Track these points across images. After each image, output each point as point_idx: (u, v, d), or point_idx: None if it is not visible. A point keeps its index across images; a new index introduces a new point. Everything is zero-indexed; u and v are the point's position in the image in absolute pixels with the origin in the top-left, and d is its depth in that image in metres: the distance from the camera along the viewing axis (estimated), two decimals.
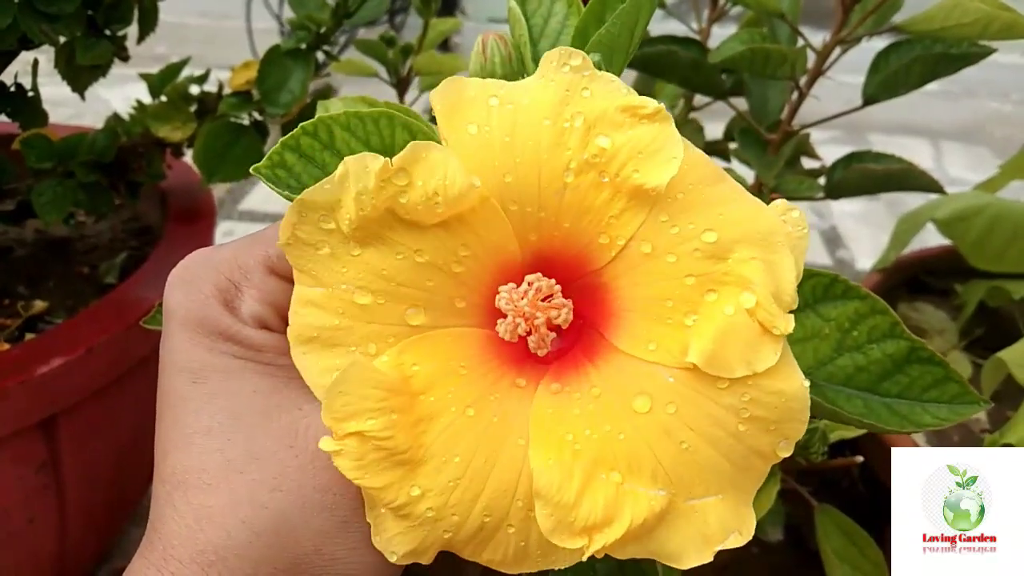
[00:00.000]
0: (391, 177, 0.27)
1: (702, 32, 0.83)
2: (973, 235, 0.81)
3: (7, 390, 0.60)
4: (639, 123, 0.27)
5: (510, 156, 0.28)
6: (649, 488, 0.26)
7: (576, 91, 0.28)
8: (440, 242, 0.28)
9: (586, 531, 0.25)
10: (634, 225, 0.27)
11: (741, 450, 0.26)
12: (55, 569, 0.75)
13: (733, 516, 0.26)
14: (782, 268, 0.26)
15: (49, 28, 0.64)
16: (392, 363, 0.28)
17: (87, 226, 0.88)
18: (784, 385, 0.26)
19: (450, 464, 0.27)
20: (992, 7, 0.54)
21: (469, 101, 0.29)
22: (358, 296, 0.28)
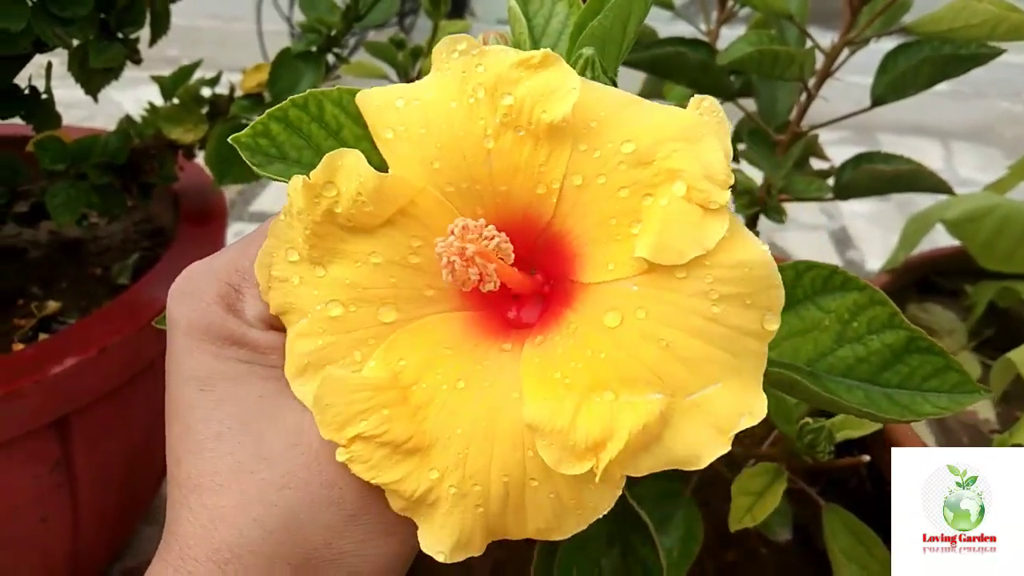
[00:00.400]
0: (320, 192, 0.29)
1: (711, 34, 0.83)
2: (983, 236, 0.81)
3: (21, 390, 0.61)
4: (533, 73, 0.28)
5: (431, 145, 0.30)
6: (644, 395, 0.25)
7: (471, 69, 0.29)
8: (391, 240, 0.30)
9: (589, 451, 0.25)
10: (561, 165, 0.28)
11: (726, 333, 0.26)
12: (68, 568, 0.75)
13: (739, 400, 0.25)
14: (707, 150, 0.26)
15: (62, 31, 0.65)
16: (380, 364, 0.28)
17: (100, 228, 0.88)
18: (743, 255, 0.26)
19: (455, 438, 0.27)
20: (1001, 8, 0.54)
21: (378, 109, 0.31)
22: (331, 310, 0.29)
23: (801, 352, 0.37)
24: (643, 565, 0.45)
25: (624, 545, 0.47)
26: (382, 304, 0.29)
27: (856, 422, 0.53)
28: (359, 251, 0.30)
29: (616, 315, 0.26)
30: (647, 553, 0.45)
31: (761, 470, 0.53)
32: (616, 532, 0.47)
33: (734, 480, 0.53)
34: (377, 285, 0.30)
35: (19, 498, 0.66)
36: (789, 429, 0.51)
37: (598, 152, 0.28)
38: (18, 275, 0.80)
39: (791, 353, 0.37)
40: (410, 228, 0.30)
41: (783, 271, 0.38)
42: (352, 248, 0.30)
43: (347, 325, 0.29)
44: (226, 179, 0.75)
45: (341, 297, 0.29)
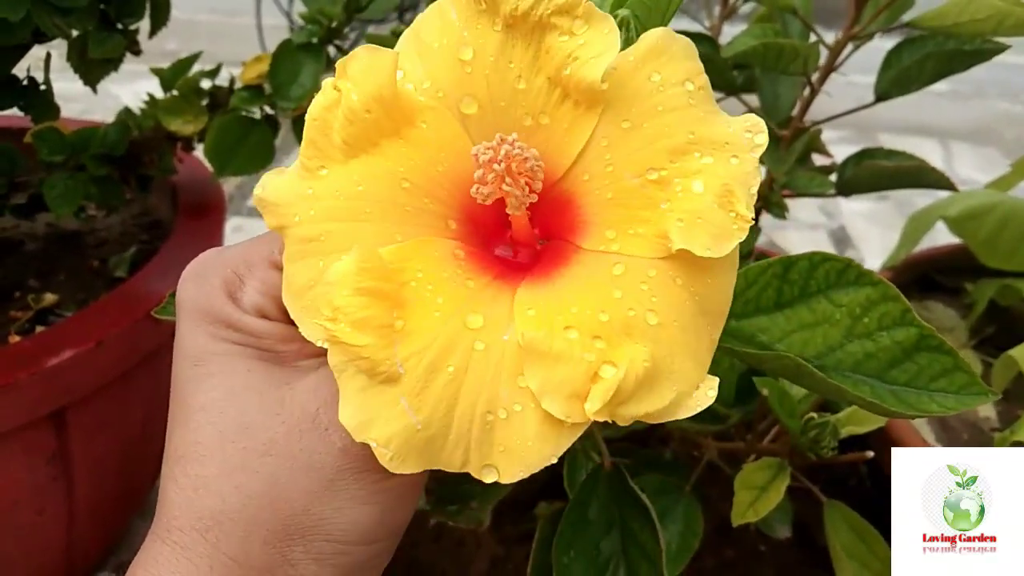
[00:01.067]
0: (335, 101, 0.29)
1: (713, 29, 0.82)
2: (984, 233, 0.81)
3: (18, 382, 0.61)
4: (571, 22, 0.29)
5: (466, 65, 0.30)
6: (634, 350, 0.26)
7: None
8: (404, 154, 0.30)
9: (583, 386, 0.26)
10: (590, 125, 0.28)
11: (700, 330, 0.28)
12: (63, 560, 0.75)
13: (699, 376, 0.27)
14: (750, 166, 0.27)
15: (62, 21, 0.64)
16: (389, 258, 0.28)
17: (97, 220, 0.88)
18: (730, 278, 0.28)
19: (431, 347, 0.27)
20: (1006, 3, 0.54)
21: (433, 22, 0.31)
22: (342, 202, 0.29)
23: (810, 345, 0.37)
24: (642, 549, 0.45)
25: (623, 529, 0.47)
26: (391, 214, 0.30)
27: (861, 418, 0.53)
28: (386, 156, 0.30)
29: (619, 286, 0.27)
30: (646, 538, 0.45)
31: (764, 465, 0.53)
32: (616, 516, 0.47)
33: (736, 475, 0.52)
34: (389, 197, 0.30)
35: (16, 490, 0.66)
36: (793, 424, 0.51)
37: (633, 128, 0.28)
38: (15, 267, 0.79)
39: (800, 346, 0.37)
40: (423, 149, 0.30)
41: (797, 262, 0.38)
42: (380, 151, 0.30)
43: (357, 218, 0.29)
44: (226, 171, 0.74)
45: (354, 194, 0.29)
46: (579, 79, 0.28)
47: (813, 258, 0.38)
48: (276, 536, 0.29)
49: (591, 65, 0.28)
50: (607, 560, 0.46)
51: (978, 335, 0.83)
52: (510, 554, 0.72)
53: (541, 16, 0.29)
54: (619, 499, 0.48)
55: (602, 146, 0.28)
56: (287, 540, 0.29)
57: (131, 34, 0.72)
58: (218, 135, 0.74)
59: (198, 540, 0.28)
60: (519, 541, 0.72)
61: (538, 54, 0.29)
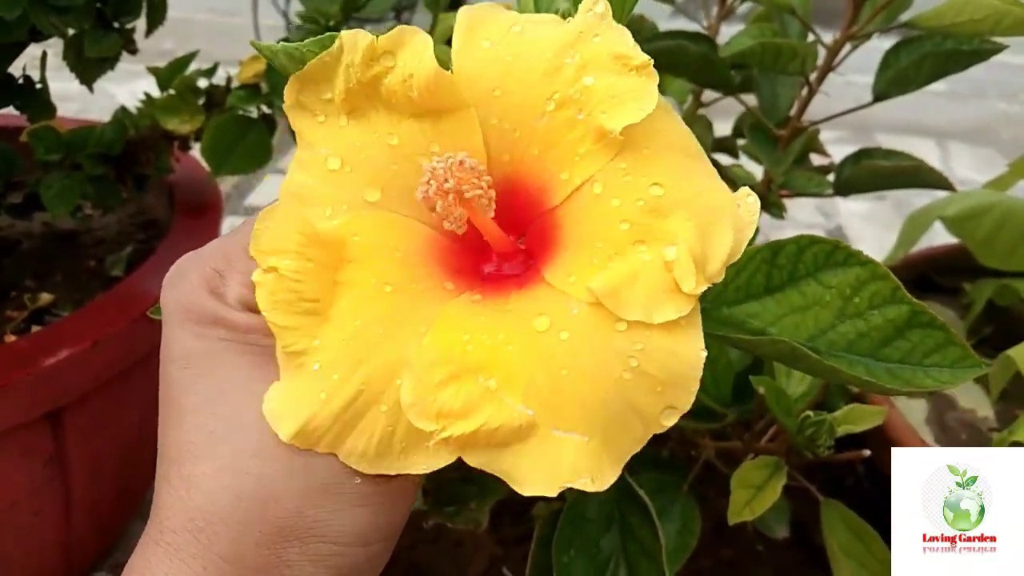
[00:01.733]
0: (378, 57, 0.30)
1: (711, 29, 0.82)
2: (982, 233, 0.81)
3: (14, 382, 0.60)
4: (626, 73, 0.28)
5: (506, 73, 0.30)
6: (517, 403, 0.26)
7: (588, 34, 0.29)
8: (415, 133, 0.30)
9: (441, 416, 0.26)
10: (594, 166, 0.28)
11: (620, 400, 0.25)
12: (60, 562, 0.75)
13: (592, 462, 0.26)
14: (718, 237, 0.26)
15: (58, 20, 0.64)
16: (338, 227, 0.29)
17: (94, 219, 0.87)
18: (682, 348, 0.25)
19: (350, 325, 0.28)
20: (1004, 3, 0.54)
21: (495, 21, 0.31)
22: (330, 161, 0.30)
23: (802, 329, 0.37)
24: (642, 546, 0.45)
25: (622, 526, 0.47)
26: (373, 181, 0.30)
27: (858, 416, 0.53)
28: (383, 126, 0.30)
29: (545, 321, 0.27)
30: (645, 534, 0.45)
31: (761, 463, 0.53)
32: (615, 513, 0.47)
33: (733, 474, 0.52)
34: (380, 163, 0.30)
35: (12, 491, 0.66)
36: (789, 422, 0.51)
37: (629, 177, 0.28)
38: (11, 267, 0.79)
39: (791, 330, 0.37)
40: (436, 133, 0.30)
41: (786, 245, 0.38)
42: (379, 119, 0.31)
43: (336, 181, 0.30)
44: (222, 170, 0.74)
45: (345, 154, 0.30)
46: (603, 124, 0.28)
47: (801, 241, 0.38)
48: (269, 537, 0.28)
49: (620, 114, 0.28)
50: (607, 558, 0.46)
51: (976, 335, 0.83)
52: (508, 555, 0.72)
53: (597, 57, 0.29)
54: (618, 496, 0.48)
55: (595, 188, 0.28)
56: (281, 541, 0.28)
57: (127, 33, 0.71)
58: (215, 134, 0.73)
59: (191, 541, 0.28)
60: (517, 542, 0.72)
61: (579, 87, 0.29)
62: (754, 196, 0.28)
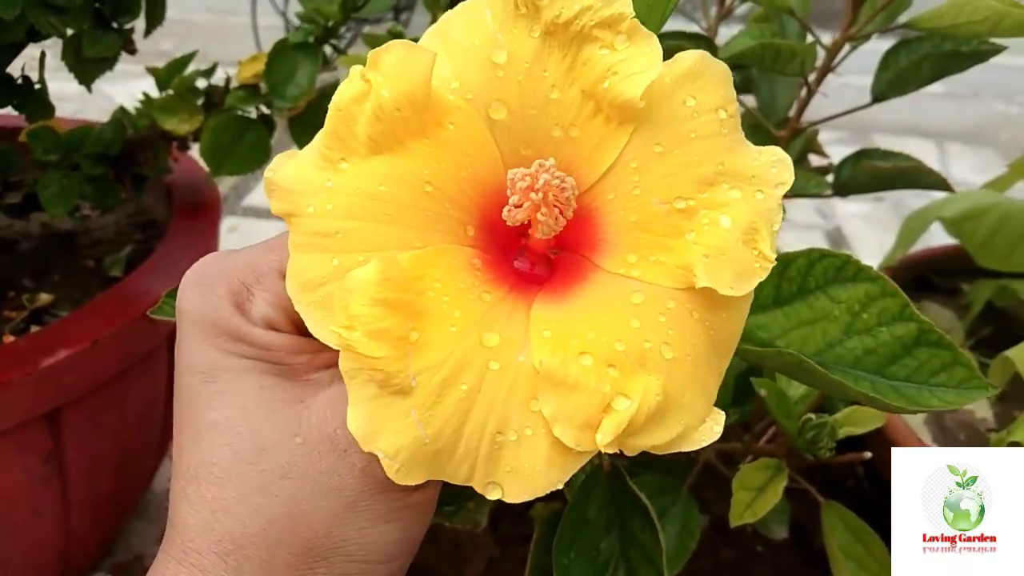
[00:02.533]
0: (368, 93, 0.28)
1: (710, 30, 0.82)
2: (980, 234, 0.81)
3: (13, 382, 0.60)
4: (615, 36, 0.28)
5: (498, 68, 0.29)
6: (647, 383, 0.27)
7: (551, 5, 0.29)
8: (421, 156, 0.29)
9: (595, 415, 0.26)
10: (621, 142, 0.28)
11: (709, 352, 0.28)
12: (58, 562, 0.75)
13: (706, 411, 0.28)
14: (774, 204, 0.27)
15: (57, 20, 0.64)
16: (403, 271, 0.28)
17: (92, 220, 0.87)
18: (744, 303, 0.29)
19: (447, 360, 0.26)
20: (1003, 4, 0.54)
21: (465, 18, 0.30)
22: (362, 200, 0.28)
23: (810, 342, 0.37)
24: (641, 549, 0.45)
25: (623, 530, 0.47)
26: (405, 221, 0.28)
27: (859, 418, 0.53)
28: (389, 161, 0.29)
29: (640, 308, 0.28)
30: (646, 538, 0.45)
31: (762, 465, 0.53)
32: (615, 516, 0.47)
33: (734, 476, 0.52)
34: (401, 200, 0.28)
35: (11, 490, 0.66)
36: (790, 425, 0.51)
37: (664, 152, 0.28)
38: (10, 267, 0.79)
39: (799, 343, 0.37)
40: (441, 149, 0.29)
41: (796, 259, 0.38)
42: (402, 151, 0.29)
43: (365, 230, 0.28)
44: (221, 170, 0.74)
45: (371, 194, 0.28)
46: (616, 94, 0.28)
47: (811, 255, 0.38)
48: (298, 559, 0.28)
49: (631, 81, 0.27)
50: (607, 561, 0.46)
51: (975, 336, 0.83)
52: (507, 555, 0.72)
53: (583, 27, 0.28)
54: (618, 499, 0.48)
55: (631, 167, 0.28)
56: (310, 562, 0.28)
57: (126, 33, 0.71)
58: (214, 135, 0.73)
59: (218, 563, 0.28)
60: (516, 542, 0.72)
61: (575, 65, 0.28)
62: (783, 154, 0.28)
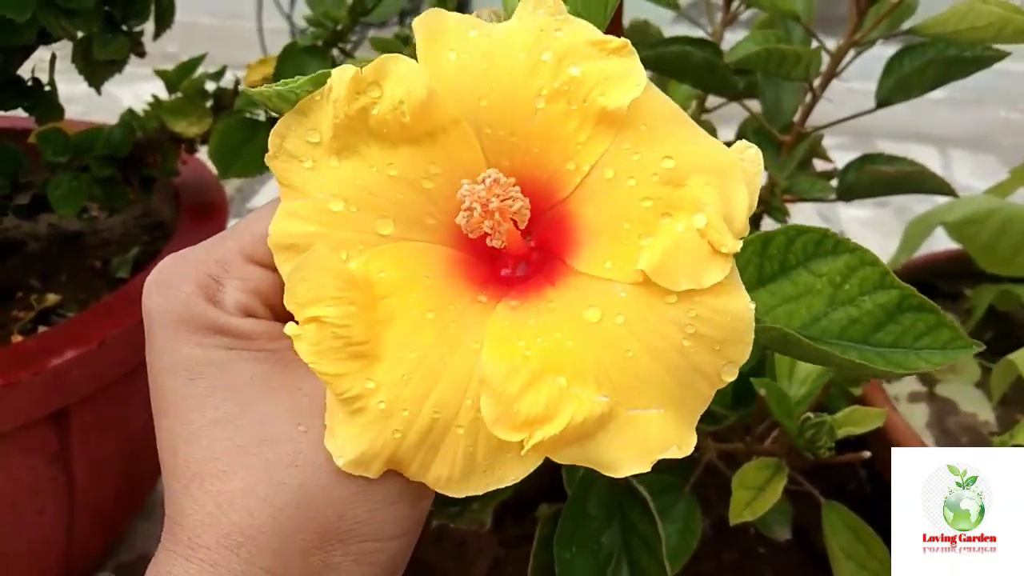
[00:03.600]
0: (364, 89, 0.29)
1: (715, 35, 0.83)
2: (983, 239, 0.81)
3: (20, 382, 0.61)
4: (607, 56, 0.29)
5: (486, 82, 0.30)
6: (592, 393, 0.26)
7: (549, 31, 0.30)
8: (412, 158, 0.30)
9: (527, 424, 0.26)
10: (599, 150, 0.29)
11: (685, 367, 0.27)
12: (62, 562, 0.75)
13: (674, 431, 0.27)
14: (735, 196, 0.27)
15: (67, 23, 0.65)
16: (360, 269, 0.29)
17: (100, 221, 0.88)
18: (730, 304, 0.26)
19: (405, 360, 0.28)
20: (1006, 10, 0.55)
21: (450, 30, 0.30)
22: (332, 203, 0.29)
23: (795, 318, 0.38)
24: (643, 540, 0.46)
25: (623, 522, 0.47)
26: (383, 215, 0.30)
27: (858, 417, 0.53)
28: (378, 158, 0.30)
29: (596, 312, 0.27)
30: (646, 529, 0.45)
31: (762, 464, 0.53)
32: (615, 509, 0.48)
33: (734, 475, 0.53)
34: (384, 196, 0.30)
35: (16, 490, 0.66)
36: (790, 424, 0.51)
37: (638, 156, 0.28)
38: (17, 267, 0.80)
39: (784, 319, 0.38)
40: (433, 154, 0.30)
41: (775, 237, 0.38)
42: (373, 152, 0.30)
43: (343, 223, 0.29)
44: (230, 172, 0.74)
45: (347, 194, 0.29)
46: (603, 105, 0.28)
47: (789, 231, 0.39)
48: (313, 544, 0.28)
49: (617, 93, 0.28)
50: (609, 554, 0.47)
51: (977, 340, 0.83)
52: (511, 555, 0.72)
53: (574, 45, 0.29)
54: (618, 492, 0.48)
55: (606, 172, 0.29)
56: (324, 547, 0.29)
57: (135, 36, 0.72)
58: (222, 137, 0.74)
59: (229, 557, 0.28)
60: (520, 542, 0.72)
61: (564, 77, 0.29)
62: (754, 147, 0.28)
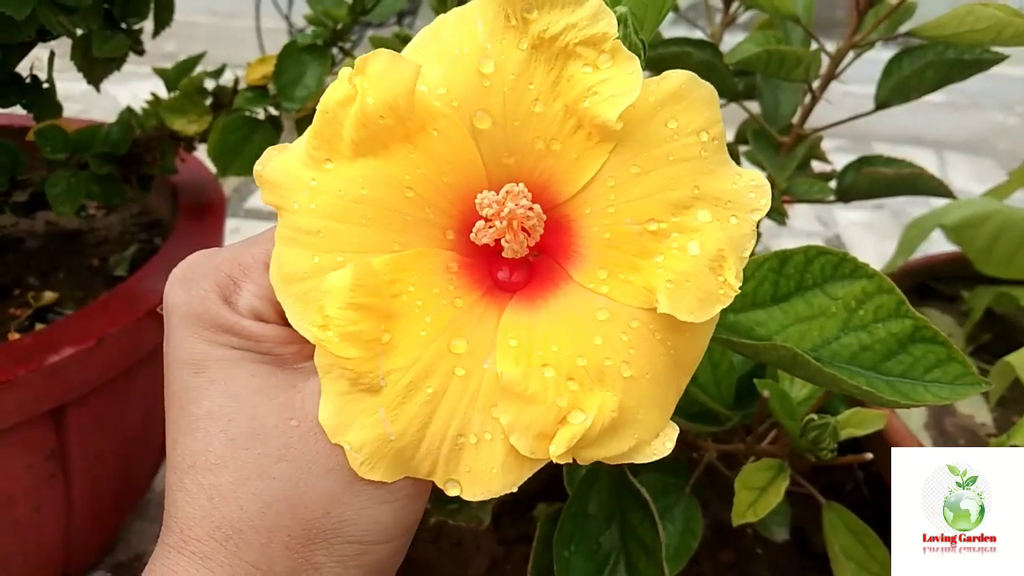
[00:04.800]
0: (353, 97, 0.29)
1: (713, 36, 0.83)
2: (981, 241, 0.81)
3: (18, 379, 0.60)
4: (597, 55, 0.29)
5: (485, 78, 0.29)
6: (605, 396, 0.28)
7: (531, 22, 0.29)
8: (406, 161, 0.29)
9: (544, 437, 0.27)
10: (600, 159, 0.29)
11: (671, 368, 0.29)
12: (60, 559, 0.75)
13: (661, 425, 0.29)
14: (746, 232, 0.28)
15: (67, 20, 0.65)
16: (378, 270, 0.29)
17: (97, 219, 0.88)
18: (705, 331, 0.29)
19: (415, 362, 0.28)
20: (1005, 13, 0.55)
21: (451, 27, 0.30)
22: (345, 202, 0.29)
23: (807, 338, 0.38)
24: (641, 543, 0.46)
25: (623, 523, 0.47)
26: (386, 223, 0.29)
27: (861, 419, 0.53)
28: (373, 164, 0.29)
29: (600, 339, 0.28)
30: (646, 532, 0.46)
31: (764, 465, 0.53)
32: (615, 510, 0.48)
33: (735, 477, 0.53)
34: (384, 203, 0.30)
35: (14, 487, 0.66)
36: (793, 426, 0.51)
37: (641, 174, 0.28)
38: (15, 265, 0.79)
39: (796, 339, 0.38)
40: (426, 155, 0.29)
41: (794, 256, 0.38)
42: (387, 154, 0.29)
43: (343, 231, 0.29)
44: (228, 171, 0.74)
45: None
46: (594, 115, 0.28)
47: (809, 252, 0.39)
48: (298, 541, 0.29)
49: (609, 103, 0.28)
50: (607, 554, 0.46)
51: (974, 342, 0.83)
52: (509, 554, 0.72)
53: (568, 43, 0.28)
54: (619, 493, 0.48)
55: (608, 185, 0.29)
56: (309, 544, 0.29)
57: (135, 34, 0.72)
58: (221, 135, 0.73)
59: (218, 549, 0.28)
60: (518, 541, 0.72)
61: (559, 80, 0.29)
62: (763, 179, 0.29)
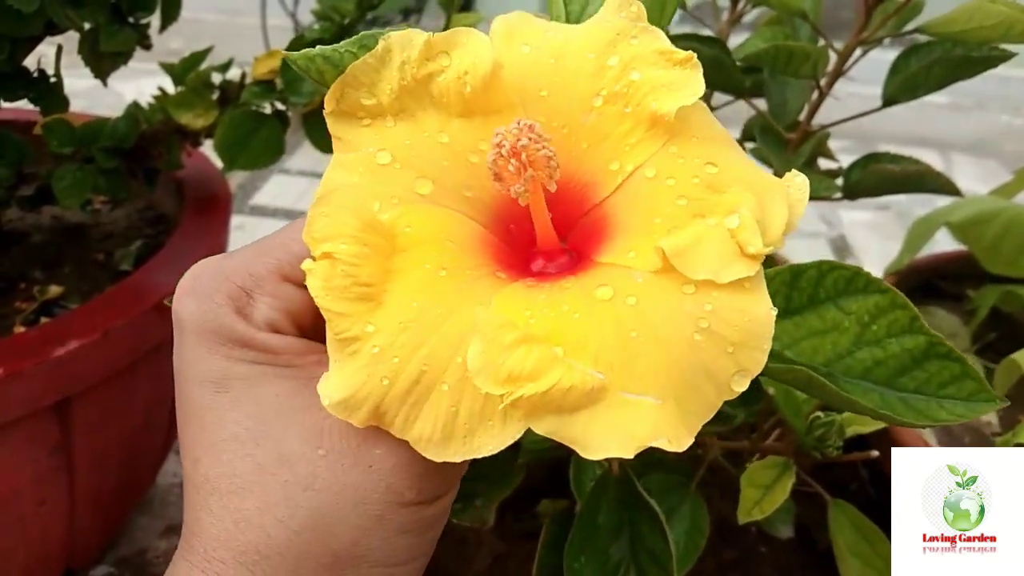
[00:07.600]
0: (433, 56, 0.31)
1: (720, 34, 0.83)
2: (987, 240, 0.81)
3: (23, 372, 0.60)
4: (672, 67, 0.30)
5: (551, 75, 0.31)
6: (587, 367, 0.25)
7: (625, 36, 0.31)
8: (464, 131, 0.31)
9: (511, 379, 0.25)
10: (644, 154, 0.29)
11: (693, 362, 0.25)
12: (63, 552, 0.75)
13: (669, 424, 0.25)
14: (774, 208, 0.27)
15: (74, 14, 0.65)
16: (389, 219, 0.29)
17: (103, 213, 0.88)
18: (751, 305, 0.26)
19: (406, 309, 0.27)
20: (1014, 10, 0.55)
21: (531, 27, 0.32)
22: (380, 157, 0.31)
23: (819, 353, 0.37)
24: (651, 553, 0.46)
25: (633, 533, 0.47)
26: (424, 176, 0.31)
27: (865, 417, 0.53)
28: (433, 125, 0.31)
29: (608, 291, 0.27)
30: (655, 541, 0.45)
31: (770, 463, 0.53)
32: (625, 520, 0.47)
33: (743, 473, 0.53)
34: (430, 160, 0.31)
35: (18, 481, 0.66)
36: (798, 423, 0.51)
37: (683, 160, 0.29)
38: (21, 258, 0.79)
39: (809, 354, 0.37)
40: (484, 131, 0.31)
41: (806, 270, 0.38)
42: (429, 118, 0.31)
43: (384, 176, 0.31)
44: (235, 165, 0.74)
45: (395, 151, 0.31)
46: (655, 110, 0.29)
47: (822, 266, 0.39)
48: (326, 568, 0.28)
49: (670, 100, 0.29)
50: (616, 565, 0.46)
51: (980, 341, 0.83)
52: (512, 551, 0.72)
53: (641, 54, 0.30)
54: (627, 503, 0.48)
55: (647, 172, 0.30)
56: (337, 570, 0.29)
57: (142, 28, 0.72)
58: (228, 129, 0.74)
59: (244, 573, 0.28)
60: (521, 539, 0.72)
61: (625, 82, 0.30)
62: (803, 177, 0.29)
